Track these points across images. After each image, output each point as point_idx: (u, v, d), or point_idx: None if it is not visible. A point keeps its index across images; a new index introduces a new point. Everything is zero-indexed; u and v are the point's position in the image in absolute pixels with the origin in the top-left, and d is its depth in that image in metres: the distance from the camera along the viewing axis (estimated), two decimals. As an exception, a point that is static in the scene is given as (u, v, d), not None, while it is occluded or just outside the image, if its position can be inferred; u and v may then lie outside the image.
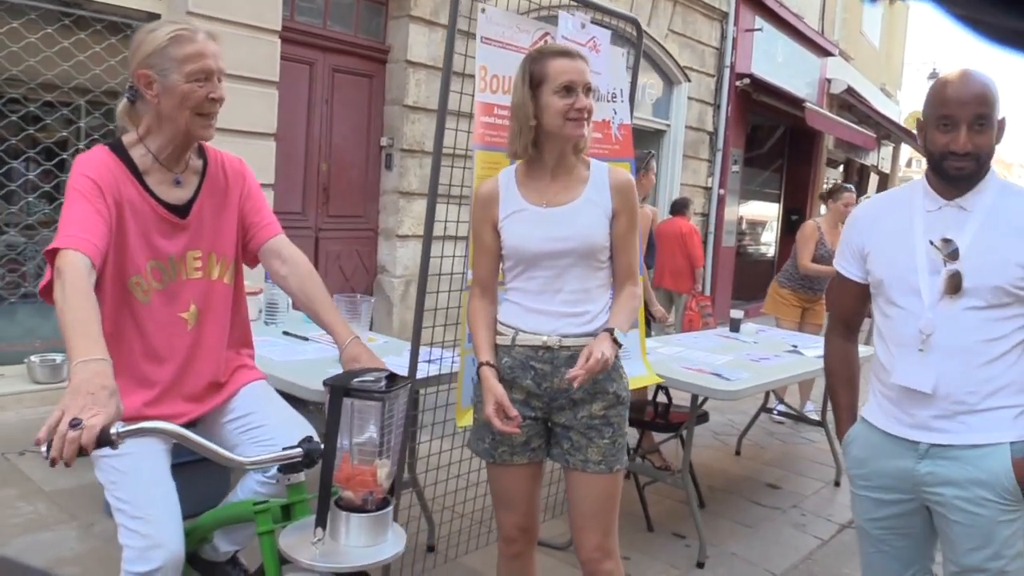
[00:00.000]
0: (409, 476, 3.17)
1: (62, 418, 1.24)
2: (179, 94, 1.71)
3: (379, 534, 1.39)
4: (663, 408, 4.06)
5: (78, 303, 1.44)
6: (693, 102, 9.68)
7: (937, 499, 1.82)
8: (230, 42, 5.13)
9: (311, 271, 1.96)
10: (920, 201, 1.86)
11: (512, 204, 2.06)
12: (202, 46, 1.73)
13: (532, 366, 2.04)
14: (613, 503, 2.11)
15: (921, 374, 1.79)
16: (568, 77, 1.96)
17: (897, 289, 1.85)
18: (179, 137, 1.79)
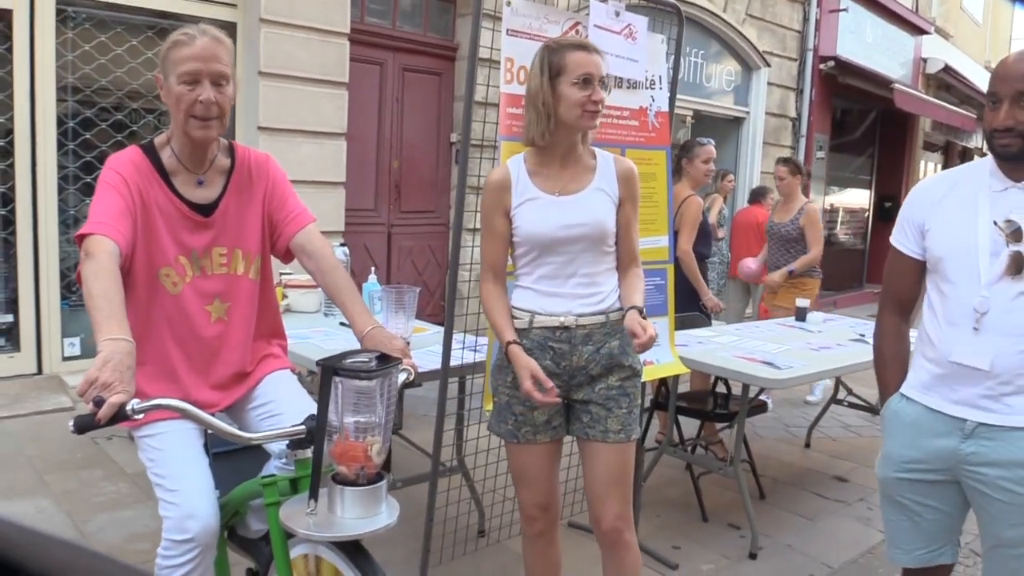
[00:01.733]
0: (458, 460, 3.26)
1: (96, 380, 1.36)
2: (174, 96, 1.79)
3: (372, 506, 1.46)
4: (722, 398, 4.02)
5: (106, 283, 1.54)
6: (774, 87, 9.44)
7: (979, 478, 1.82)
8: (301, 45, 5.38)
9: (335, 264, 2.02)
10: (987, 181, 1.85)
11: (525, 192, 2.13)
12: (196, 50, 1.76)
13: (551, 347, 2.12)
14: (630, 471, 2.21)
15: (976, 352, 1.79)
16: (586, 70, 2.04)
17: (955, 267, 1.84)
18: (186, 139, 1.86)
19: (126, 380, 1.40)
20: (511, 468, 2.28)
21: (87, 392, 1.35)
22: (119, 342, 1.44)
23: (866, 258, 12.81)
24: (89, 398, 1.35)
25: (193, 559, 1.73)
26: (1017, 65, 1.73)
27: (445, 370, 2.63)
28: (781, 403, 5.66)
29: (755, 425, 5.09)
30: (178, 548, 1.71)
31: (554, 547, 2.33)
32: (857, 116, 12.03)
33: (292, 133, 5.45)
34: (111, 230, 1.68)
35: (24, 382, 4.77)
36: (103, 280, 1.56)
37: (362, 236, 6.21)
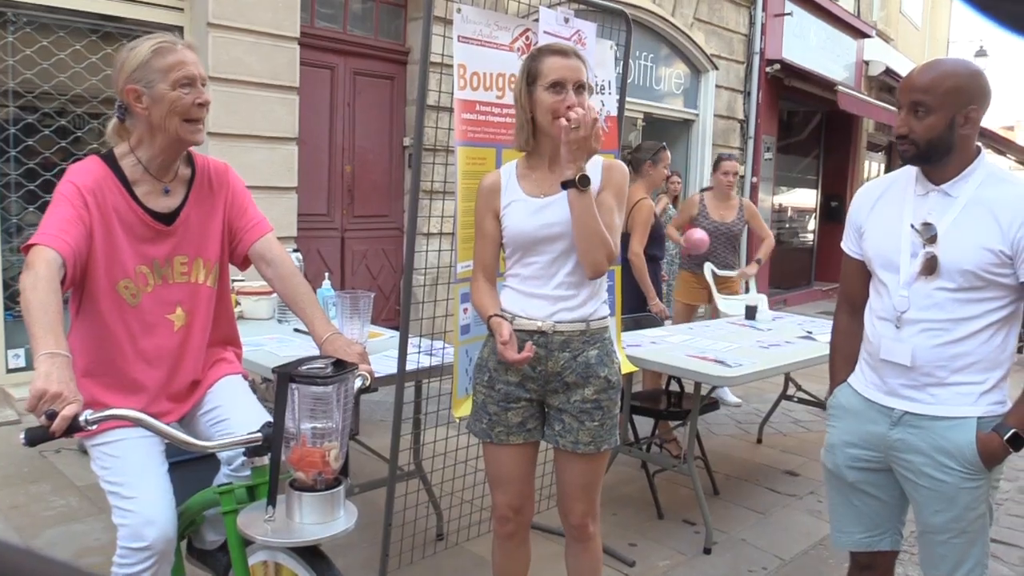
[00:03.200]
0: (415, 464, 3.27)
1: (44, 396, 1.35)
2: (167, 102, 1.79)
3: (330, 512, 1.47)
4: (675, 396, 4.09)
5: (44, 296, 1.54)
6: (722, 90, 9.60)
7: (906, 465, 1.94)
8: (250, 50, 5.33)
9: (294, 271, 2.05)
10: (912, 185, 1.95)
11: (512, 194, 2.19)
12: (183, 54, 1.82)
13: (522, 346, 2.13)
14: (599, 476, 2.27)
15: (898, 348, 1.91)
16: (559, 75, 2.08)
17: (881, 267, 1.96)
18: (170, 146, 1.87)
19: (72, 391, 1.39)
20: (486, 468, 2.31)
21: (38, 407, 1.34)
22: (57, 356, 1.44)
23: (814, 256, 13.10)
24: (41, 411, 1.34)
25: (150, 567, 1.72)
26: (915, 77, 1.86)
27: (401, 375, 2.64)
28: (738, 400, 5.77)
29: (708, 423, 5.18)
30: (135, 556, 1.69)
31: (524, 548, 2.36)
32: (803, 117, 12.29)
33: (243, 138, 5.39)
34: (55, 240, 1.67)
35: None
36: (40, 291, 1.55)
37: (315, 241, 6.17)
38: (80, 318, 1.89)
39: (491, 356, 2.23)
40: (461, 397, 2.65)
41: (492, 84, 2.61)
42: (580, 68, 2.09)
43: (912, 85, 1.84)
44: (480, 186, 2.25)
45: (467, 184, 2.54)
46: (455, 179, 2.55)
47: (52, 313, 1.51)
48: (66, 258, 1.66)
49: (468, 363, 2.63)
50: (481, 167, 2.57)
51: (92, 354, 1.88)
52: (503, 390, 2.21)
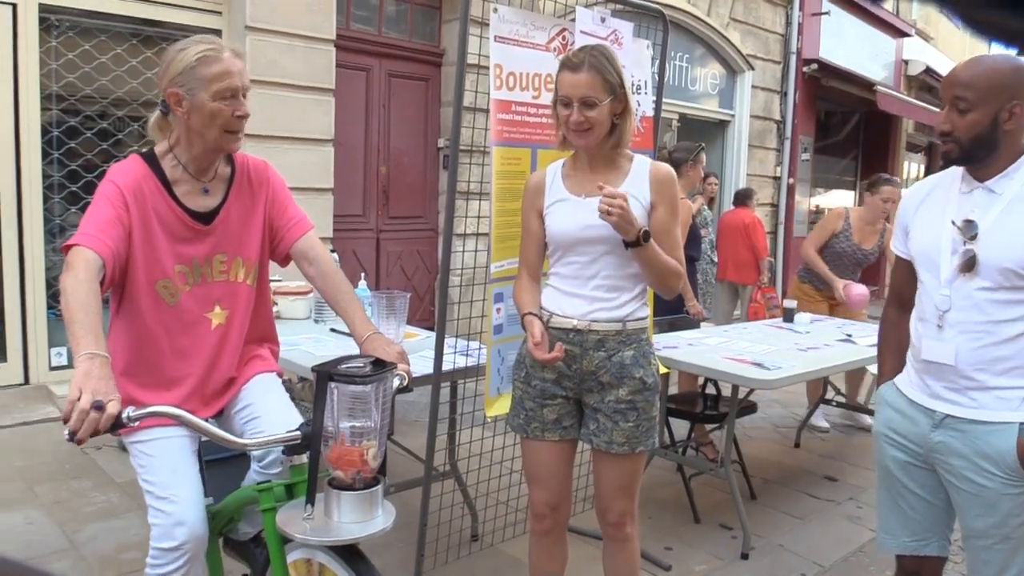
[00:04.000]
0: (450, 465, 3.27)
1: (81, 396, 1.36)
2: (208, 112, 1.79)
3: (368, 511, 1.47)
4: (712, 400, 4.05)
5: (84, 297, 1.55)
6: (758, 90, 9.50)
7: (948, 468, 1.91)
8: (287, 53, 5.38)
9: (336, 269, 2.05)
10: (957, 183, 1.93)
11: (556, 194, 2.20)
12: (228, 65, 1.80)
13: (554, 345, 2.14)
14: (637, 477, 2.27)
15: (940, 348, 1.88)
16: (563, 91, 2.11)
17: (923, 266, 1.95)
18: (208, 151, 1.88)
19: (111, 390, 1.40)
20: (523, 464, 2.33)
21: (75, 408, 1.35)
22: (96, 357, 1.44)
23: (851, 259, 12.89)
24: (87, 404, 1.35)
25: (181, 567, 1.73)
26: (958, 72, 1.83)
27: (437, 375, 2.64)
28: (770, 404, 5.69)
29: (745, 426, 5.12)
30: (166, 556, 1.70)
31: (561, 547, 2.36)
32: (841, 118, 12.12)
33: (279, 140, 5.44)
34: (95, 241, 1.68)
35: (11, 392, 4.74)
36: (80, 293, 1.56)
37: (351, 242, 6.21)
38: (119, 317, 1.91)
39: (528, 353, 2.23)
40: (494, 396, 2.65)
41: (528, 84, 2.60)
42: (588, 83, 2.06)
43: (955, 80, 1.81)
44: (526, 184, 2.27)
45: (502, 184, 2.54)
46: (490, 180, 2.54)
47: (92, 314, 1.52)
48: (105, 259, 1.67)
49: (500, 363, 2.63)
50: (517, 167, 2.56)
51: (130, 353, 1.89)
52: (539, 386, 2.21)
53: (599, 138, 2.11)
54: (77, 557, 3.01)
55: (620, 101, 2.12)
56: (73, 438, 1.36)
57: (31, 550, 3.04)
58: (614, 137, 2.14)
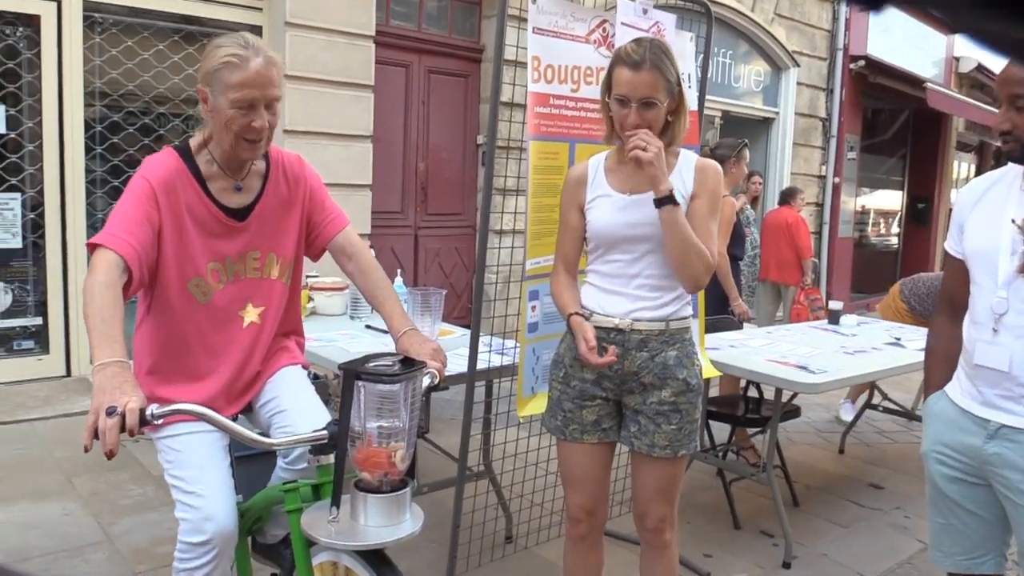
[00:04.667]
0: (485, 465, 3.21)
1: (98, 418, 1.33)
2: (223, 117, 1.74)
3: (395, 515, 1.42)
4: (754, 403, 3.94)
5: (101, 302, 1.52)
6: (803, 87, 9.31)
7: (1003, 482, 1.79)
8: (326, 48, 5.37)
9: (375, 265, 2.02)
10: (1019, 180, 1.82)
11: (598, 189, 2.13)
12: (251, 76, 1.71)
13: (604, 347, 2.08)
14: (677, 481, 2.19)
15: (994, 352, 1.77)
16: (622, 91, 2.01)
17: (979, 267, 1.83)
18: (230, 152, 1.83)
19: (128, 391, 1.37)
20: (559, 467, 2.26)
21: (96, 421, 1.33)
22: (110, 366, 1.42)
23: (899, 260, 12.59)
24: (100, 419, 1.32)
25: (209, 562, 1.70)
26: (1013, 69, 1.72)
27: (472, 374, 2.59)
28: (814, 408, 5.55)
29: (787, 430, 4.99)
30: (194, 551, 1.68)
31: (597, 552, 2.29)
32: (889, 116, 11.83)
33: (318, 136, 5.44)
34: (119, 242, 1.64)
35: (53, 384, 4.80)
36: (98, 297, 1.53)
37: (389, 239, 6.20)
38: (148, 316, 1.88)
39: (568, 352, 2.17)
40: (527, 396, 2.59)
41: (567, 77, 2.53)
42: (649, 83, 1.98)
43: (1010, 78, 1.71)
44: (567, 178, 2.20)
45: (539, 179, 2.47)
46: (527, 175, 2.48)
47: (108, 320, 1.49)
48: (129, 261, 1.63)
49: (535, 362, 2.57)
50: (554, 162, 2.50)
51: (159, 351, 1.87)
52: (578, 387, 2.15)
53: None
54: (112, 550, 3.02)
55: (675, 99, 2.05)
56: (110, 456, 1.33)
57: (67, 541, 3.06)
58: (667, 136, 2.07)
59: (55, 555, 2.95)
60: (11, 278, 4.73)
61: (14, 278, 4.75)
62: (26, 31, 4.61)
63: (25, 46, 4.62)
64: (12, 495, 3.48)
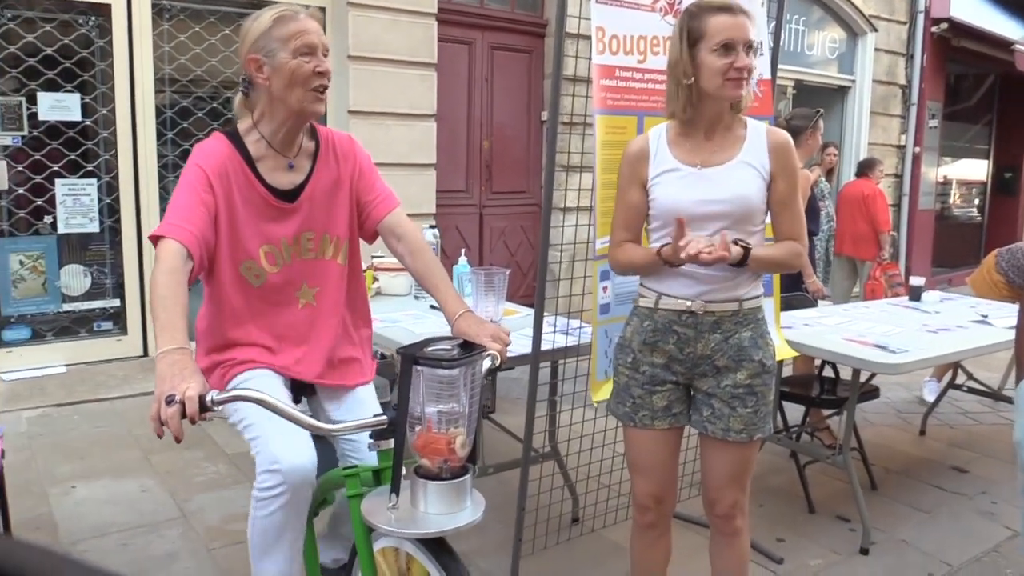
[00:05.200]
0: (551, 446, 3.18)
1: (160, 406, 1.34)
2: (288, 71, 1.75)
3: (455, 502, 1.39)
4: (829, 383, 3.81)
5: (164, 291, 1.55)
6: (882, 53, 8.91)
7: None
8: (389, 28, 5.36)
9: (424, 246, 1.99)
10: None
11: (663, 163, 2.02)
12: (304, 23, 1.79)
13: (675, 330, 2.02)
14: (750, 466, 2.12)
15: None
16: (727, 35, 1.90)
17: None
18: (291, 118, 1.83)
19: (188, 377, 1.38)
20: (627, 454, 2.19)
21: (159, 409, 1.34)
22: (171, 353, 1.43)
23: (984, 232, 12.03)
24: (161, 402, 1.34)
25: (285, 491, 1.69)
26: None
27: (536, 354, 2.54)
28: (893, 387, 5.35)
29: (865, 411, 4.82)
30: (272, 478, 1.68)
31: (665, 539, 2.23)
32: (973, 81, 11.26)
33: (382, 116, 5.44)
34: (179, 231, 1.67)
35: (131, 364, 4.95)
36: (161, 287, 1.57)
37: (454, 218, 6.19)
38: (209, 298, 1.91)
39: (635, 336, 2.09)
40: (601, 380, 2.53)
41: (633, 48, 2.44)
42: (748, 26, 1.90)
43: None
44: (625, 152, 2.08)
45: (606, 155, 2.40)
46: (594, 151, 2.41)
47: (170, 308, 1.52)
48: (190, 248, 1.66)
49: (608, 344, 2.50)
50: (622, 137, 2.42)
51: (219, 333, 1.89)
52: (648, 372, 2.07)
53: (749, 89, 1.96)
54: (186, 526, 3.09)
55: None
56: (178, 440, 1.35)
57: (144, 517, 3.14)
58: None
59: (133, 531, 3.04)
60: (90, 261, 4.88)
61: (92, 261, 4.90)
62: (98, 20, 4.72)
63: (97, 35, 4.73)
64: (94, 471, 3.60)
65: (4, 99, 4.49)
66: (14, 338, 4.69)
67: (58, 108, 4.62)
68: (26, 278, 4.68)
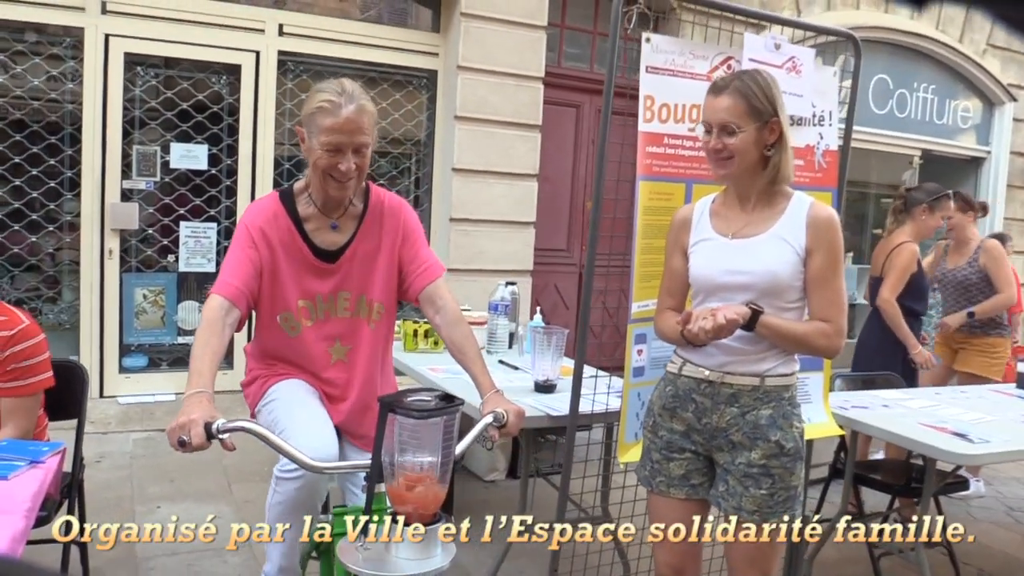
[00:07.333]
0: (602, 508, 3.14)
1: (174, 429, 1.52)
2: (315, 157, 1.89)
3: (424, 548, 1.43)
4: (919, 471, 3.58)
5: (200, 341, 1.74)
6: (1021, 124, 8.42)
7: None
8: (496, 90, 5.57)
9: (460, 319, 2.06)
10: None
11: (702, 232, 2.06)
12: (341, 122, 1.83)
13: (694, 399, 2.02)
14: (771, 553, 2.02)
15: None
16: (705, 116, 1.98)
17: None
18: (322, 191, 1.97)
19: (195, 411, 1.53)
20: (648, 521, 2.18)
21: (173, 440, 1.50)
22: (190, 397, 1.60)
23: None
24: (174, 438, 1.49)
25: (303, 475, 1.87)
26: None
27: (573, 416, 2.55)
28: (1008, 480, 4.95)
29: (971, 505, 4.48)
30: (288, 474, 1.88)
31: None
32: None
33: (485, 174, 5.63)
34: (225, 287, 1.86)
35: (234, 396, 5.22)
36: (199, 338, 1.75)
37: (553, 276, 6.26)
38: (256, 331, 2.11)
39: (657, 400, 2.10)
40: (630, 442, 2.51)
41: (684, 116, 2.48)
42: (729, 108, 1.91)
43: None
44: (673, 219, 2.16)
45: (647, 220, 2.43)
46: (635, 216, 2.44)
47: (200, 358, 1.70)
48: (235, 301, 1.84)
49: (640, 407, 2.49)
50: (667, 203, 2.44)
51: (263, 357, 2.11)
52: (666, 438, 2.06)
53: (741, 169, 1.95)
54: (249, 554, 3.24)
55: (772, 131, 1.94)
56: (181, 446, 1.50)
57: (213, 542, 3.32)
58: (768, 171, 1.96)
59: (200, 553, 3.22)
60: (205, 299, 5.25)
61: (207, 299, 5.27)
62: (229, 79, 5.16)
63: (227, 92, 5.17)
64: (180, 494, 3.84)
65: (142, 148, 4.97)
66: (132, 365, 5.09)
67: (188, 157, 5.06)
68: (148, 311, 5.10)
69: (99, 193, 4.82)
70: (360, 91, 1.89)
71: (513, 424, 1.75)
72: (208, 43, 5.00)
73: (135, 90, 4.92)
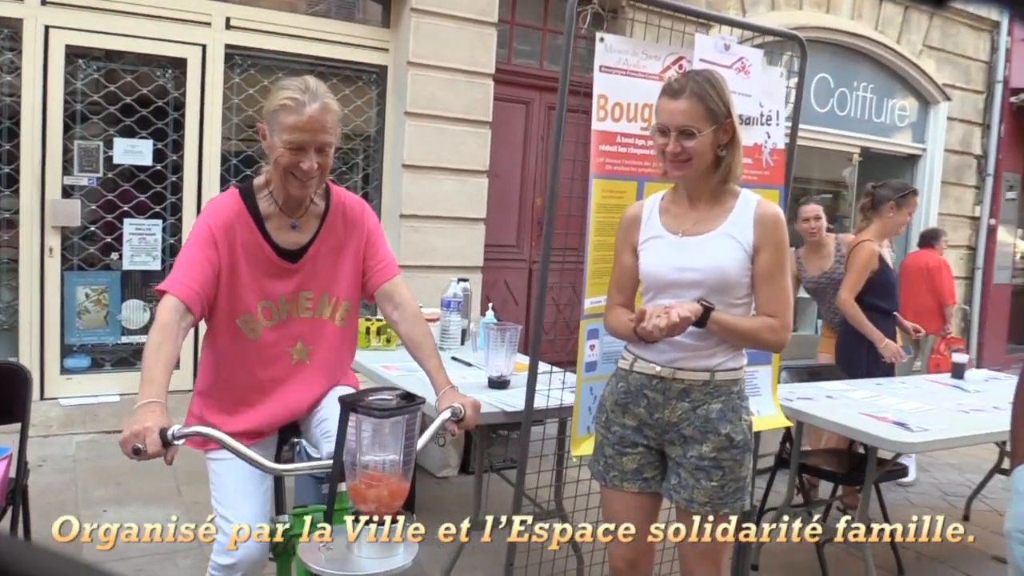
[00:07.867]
0: (556, 502, 3.18)
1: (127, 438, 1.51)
2: (276, 154, 1.83)
3: (386, 547, 1.44)
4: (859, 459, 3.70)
5: (153, 345, 1.68)
6: (955, 123, 8.72)
7: None
8: (446, 87, 5.56)
9: (419, 317, 2.06)
10: None
11: (651, 230, 2.09)
12: (304, 120, 1.78)
13: (645, 394, 2.05)
14: (721, 545, 2.07)
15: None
16: (660, 119, 1.99)
17: None
18: (283, 189, 1.92)
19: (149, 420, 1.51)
20: (602, 514, 2.21)
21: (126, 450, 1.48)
22: (143, 406, 1.56)
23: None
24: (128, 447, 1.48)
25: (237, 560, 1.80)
26: None
27: (528, 412, 2.58)
28: (943, 467, 5.14)
29: (909, 491, 4.65)
30: (222, 572, 1.76)
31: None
32: (1060, 154, 10.85)
33: (435, 170, 5.62)
34: (179, 287, 1.79)
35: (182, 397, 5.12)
36: (152, 343, 1.69)
37: (502, 271, 6.29)
38: (206, 344, 2.02)
39: (609, 396, 2.13)
40: (582, 436, 2.55)
41: (636, 115, 2.52)
42: (687, 111, 1.93)
43: None
44: (622, 216, 2.18)
45: (600, 218, 2.47)
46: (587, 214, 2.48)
47: (153, 364, 1.64)
48: (189, 303, 1.78)
49: (592, 401, 2.53)
50: (620, 201, 2.48)
51: (212, 377, 2.01)
52: (618, 433, 2.10)
53: (699, 170, 1.99)
54: (200, 556, 3.20)
55: (726, 132, 1.98)
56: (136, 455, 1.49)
57: (163, 545, 3.26)
58: (720, 171, 2.01)
59: (151, 557, 3.17)
60: (150, 297, 5.14)
61: (153, 297, 5.16)
62: (174, 73, 5.06)
63: (172, 86, 5.06)
64: (127, 497, 3.77)
65: (84, 143, 4.84)
66: (74, 366, 4.96)
67: (132, 152, 4.94)
68: (90, 310, 4.97)
69: (39, 189, 4.68)
70: (324, 89, 1.85)
71: (471, 417, 1.77)
72: (153, 36, 4.88)
73: (76, 83, 4.79)
